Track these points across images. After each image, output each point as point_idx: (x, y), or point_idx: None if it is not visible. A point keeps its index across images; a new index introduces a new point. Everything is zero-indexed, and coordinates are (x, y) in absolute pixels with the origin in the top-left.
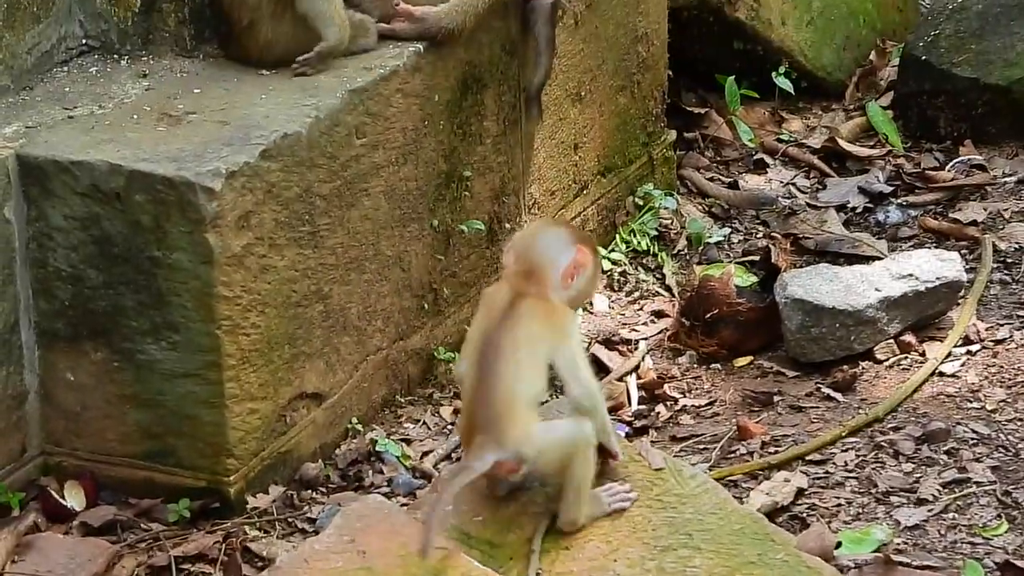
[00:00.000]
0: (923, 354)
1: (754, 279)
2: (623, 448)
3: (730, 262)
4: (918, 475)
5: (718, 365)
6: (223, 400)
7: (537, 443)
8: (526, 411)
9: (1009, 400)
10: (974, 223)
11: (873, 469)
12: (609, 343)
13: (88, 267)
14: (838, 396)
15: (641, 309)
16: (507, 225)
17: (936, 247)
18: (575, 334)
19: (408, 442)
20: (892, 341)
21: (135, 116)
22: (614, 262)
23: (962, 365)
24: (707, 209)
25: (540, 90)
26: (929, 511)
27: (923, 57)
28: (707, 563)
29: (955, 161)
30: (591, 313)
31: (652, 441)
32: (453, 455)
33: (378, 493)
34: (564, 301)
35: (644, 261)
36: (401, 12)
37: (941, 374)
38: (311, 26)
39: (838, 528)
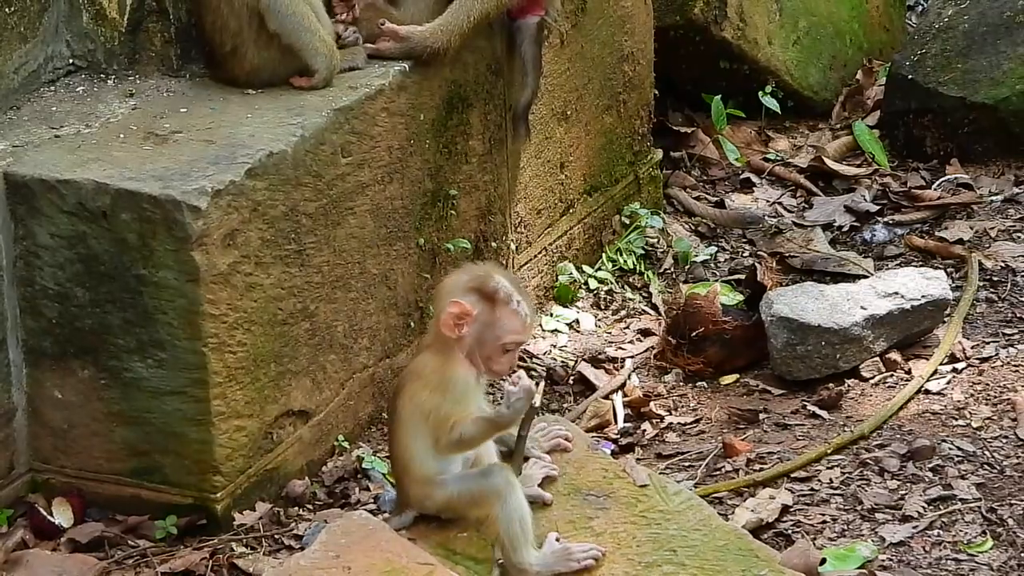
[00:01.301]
0: (909, 372)
1: (740, 297)
2: (608, 465)
3: (716, 280)
4: (903, 492)
5: (704, 383)
6: (210, 417)
7: (439, 500)
8: (423, 470)
9: (994, 418)
10: (960, 241)
11: (858, 486)
12: (595, 361)
13: (75, 285)
14: (823, 414)
15: (627, 327)
16: (493, 244)
17: (922, 265)
18: (450, 388)
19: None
20: (878, 359)
21: (121, 135)
22: (600, 281)
23: (948, 383)
24: (693, 228)
25: (527, 109)
26: (914, 528)
27: (909, 76)
28: None
29: (941, 180)
30: (577, 332)
31: (638, 459)
32: None
33: (364, 510)
34: (466, 352)
35: (630, 280)
36: (387, 32)
37: (927, 392)
38: (297, 57)
39: (823, 545)
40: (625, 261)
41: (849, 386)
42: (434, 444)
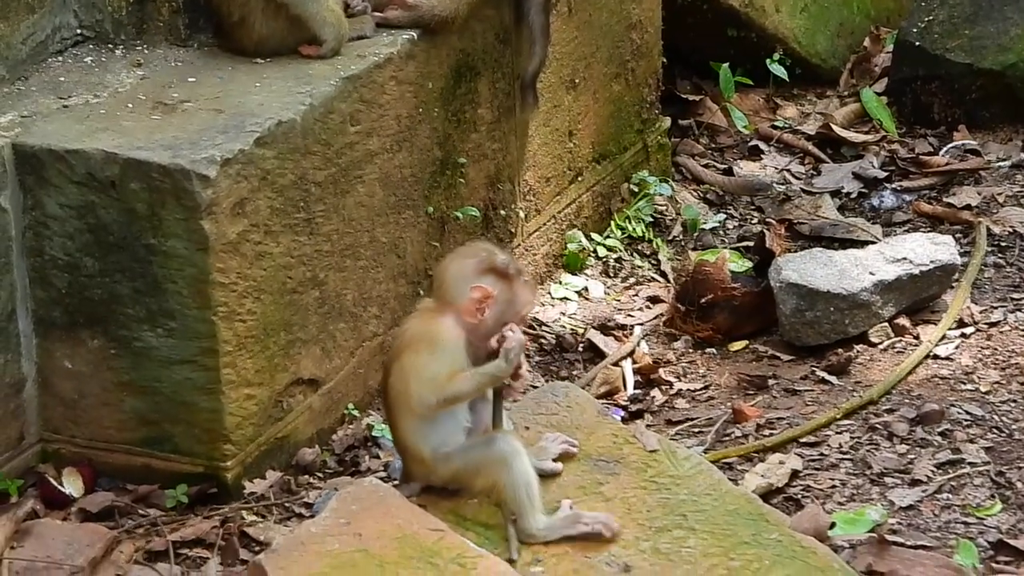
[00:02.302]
0: (917, 337)
1: (749, 264)
2: (614, 429)
3: (725, 248)
4: (912, 456)
5: (713, 349)
6: (220, 386)
7: (444, 474)
8: (422, 448)
9: (1003, 382)
10: (968, 207)
11: (867, 451)
12: (604, 328)
13: (84, 255)
14: (832, 379)
15: (636, 295)
16: (502, 212)
17: (930, 231)
18: (439, 347)
19: None
20: (886, 324)
21: (130, 105)
22: (609, 248)
23: (956, 348)
24: (702, 195)
25: (535, 78)
26: (923, 492)
27: (917, 43)
28: (701, 544)
29: (949, 146)
30: (586, 299)
31: (648, 425)
32: None
33: (375, 477)
34: (474, 328)
35: (639, 247)
36: (395, 0)
37: (935, 357)
38: (306, 27)
39: (832, 509)
40: (634, 229)
41: (858, 351)
42: (423, 404)
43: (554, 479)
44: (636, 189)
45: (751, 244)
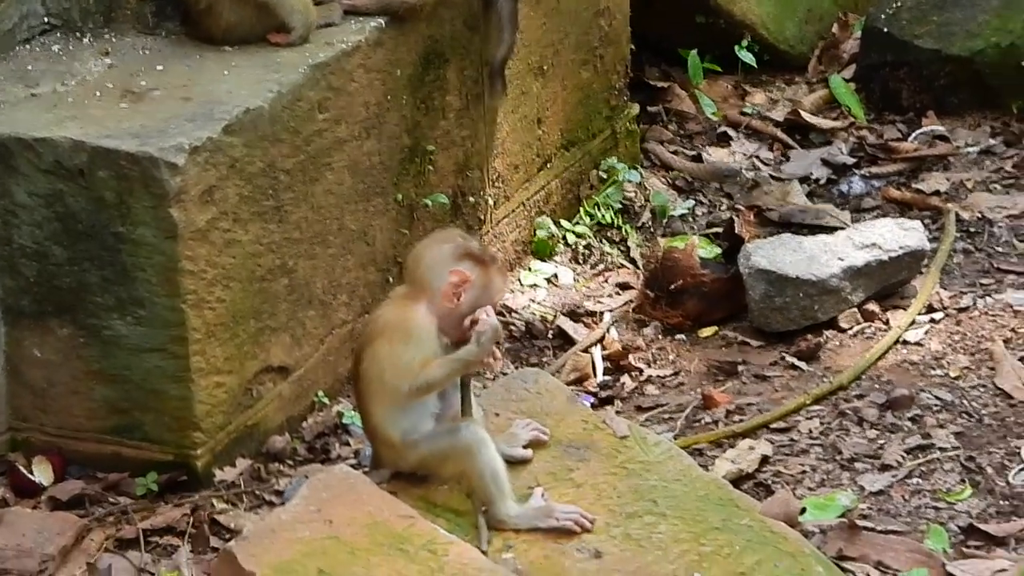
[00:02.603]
0: (887, 322)
1: (718, 250)
2: (588, 418)
3: (694, 234)
4: (882, 441)
5: (683, 336)
6: (189, 374)
7: (411, 460)
8: (392, 433)
9: (972, 367)
10: (937, 193)
11: (837, 436)
12: (574, 315)
13: (53, 244)
14: (802, 365)
15: (606, 281)
16: (471, 199)
17: (899, 217)
18: (413, 335)
19: None
20: (856, 310)
21: (98, 93)
22: (578, 235)
23: (925, 333)
24: (671, 182)
25: (503, 65)
26: (893, 476)
27: (885, 29)
28: (672, 529)
29: (918, 132)
30: (556, 286)
31: (618, 411)
32: None
33: (345, 464)
34: (449, 314)
35: (608, 234)
36: None
37: (905, 342)
38: (273, 14)
39: (803, 494)
40: (603, 215)
41: (827, 337)
42: (396, 393)
43: (524, 465)
44: (605, 176)
45: (720, 230)
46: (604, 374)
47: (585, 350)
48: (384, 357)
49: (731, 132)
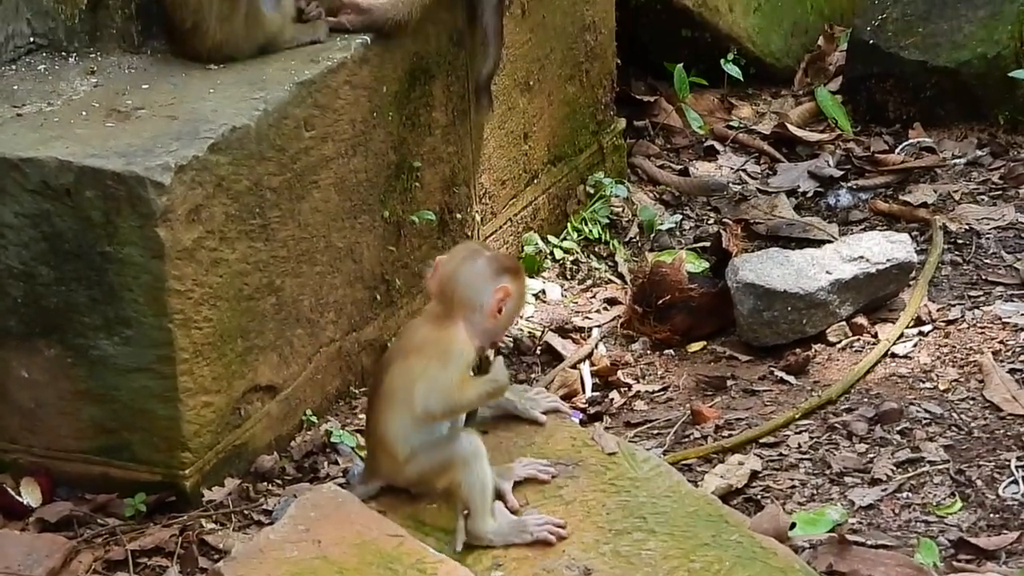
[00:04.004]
0: (875, 336)
1: (706, 265)
2: (577, 435)
3: (682, 248)
4: (871, 455)
5: (671, 351)
6: (177, 394)
7: (410, 474)
8: (401, 447)
9: (961, 380)
10: (924, 205)
11: (827, 450)
12: (562, 331)
13: (39, 264)
14: (791, 379)
15: (594, 297)
16: (458, 215)
17: (887, 229)
18: (454, 358)
19: (363, 433)
20: (844, 323)
21: (84, 113)
22: (566, 251)
23: (914, 346)
24: (658, 196)
25: (489, 80)
26: (883, 491)
27: (871, 41)
28: (661, 546)
29: (904, 144)
30: (544, 302)
31: (606, 427)
32: None
33: (334, 484)
34: (489, 329)
35: (596, 249)
36: (348, 4)
37: (893, 355)
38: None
39: (792, 509)
40: (590, 230)
41: (816, 351)
42: (424, 410)
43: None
44: (592, 191)
45: (708, 245)
46: (593, 390)
47: (573, 366)
48: (419, 374)
49: (718, 146)
